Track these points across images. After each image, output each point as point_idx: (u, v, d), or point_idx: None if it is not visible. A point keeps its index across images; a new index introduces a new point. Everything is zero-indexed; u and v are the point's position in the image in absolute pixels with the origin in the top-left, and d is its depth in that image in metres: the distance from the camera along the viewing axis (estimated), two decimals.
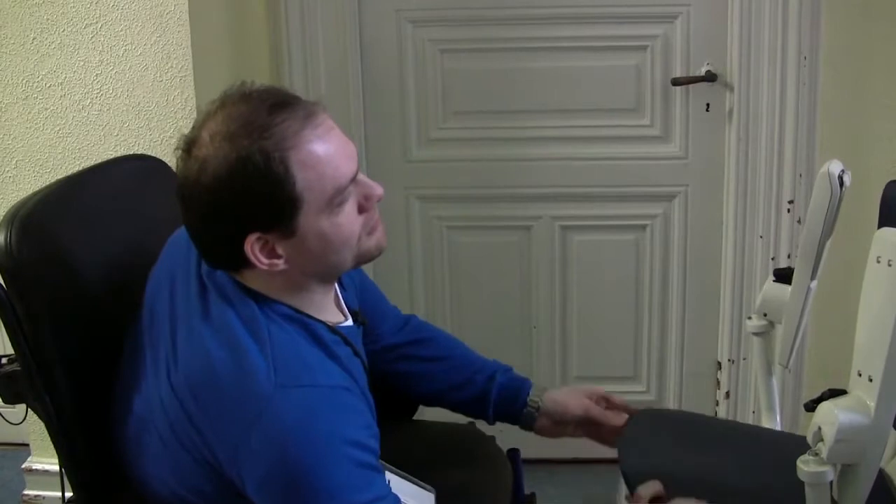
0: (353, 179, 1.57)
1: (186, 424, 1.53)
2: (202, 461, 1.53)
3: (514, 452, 2.19)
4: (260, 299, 1.58)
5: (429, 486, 1.87)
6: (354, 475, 1.48)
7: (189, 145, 1.51)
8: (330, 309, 1.72)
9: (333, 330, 1.66)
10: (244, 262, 1.53)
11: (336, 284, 1.77)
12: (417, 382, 2.10)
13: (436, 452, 2.10)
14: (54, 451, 1.71)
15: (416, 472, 1.94)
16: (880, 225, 1.89)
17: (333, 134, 1.57)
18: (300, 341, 1.58)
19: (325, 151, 1.52)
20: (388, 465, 1.82)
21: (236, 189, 1.46)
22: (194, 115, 2.68)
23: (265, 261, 1.52)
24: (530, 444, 3.24)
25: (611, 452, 3.14)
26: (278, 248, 1.53)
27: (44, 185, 1.87)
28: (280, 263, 1.54)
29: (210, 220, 1.52)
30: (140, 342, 1.68)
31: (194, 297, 1.61)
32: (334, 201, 1.53)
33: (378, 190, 1.62)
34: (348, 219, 1.57)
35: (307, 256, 1.56)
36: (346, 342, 1.68)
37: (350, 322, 1.78)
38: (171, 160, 1.83)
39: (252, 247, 1.51)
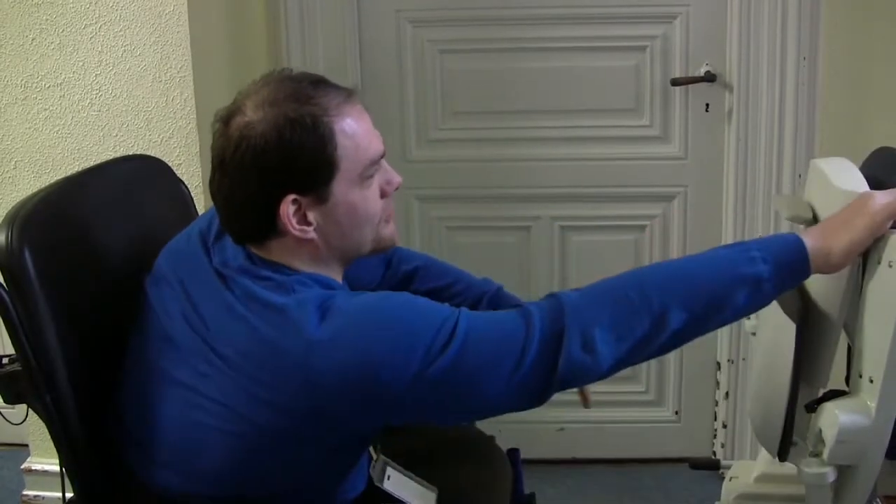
0: (382, 158, 1.68)
1: (245, 395, 1.55)
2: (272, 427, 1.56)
3: (513, 452, 2.19)
4: (282, 271, 1.62)
5: (431, 486, 1.88)
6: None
7: (230, 115, 1.60)
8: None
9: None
10: (273, 230, 1.60)
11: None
12: None
13: (436, 452, 2.10)
14: (54, 452, 1.71)
15: (417, 470, 1.96)
16: None
17: (366, 116, 1.69)
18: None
19: (361, 127, 1.64)
20: (390, 462, 1.82)
21: (283, 147, 1.55)
22: (194, 115, 2.68)
23: (297, 226, 1.59)
24: (530, 445, 3.24)
25: (611, 452, 3.15)
26: (310, 214, 1.60)
27: (43, 185, 1.87)
28: (310, 231, 1.60)
29: (250, 182, 1.57)
30: (151, 341, 1.69)
31: (215, 287, 1.63)
32: (365, 174, 1.63)
33: (398, 178, 1.73)
34: (374, 196, 1.66)
35: (334, 228, 1.63)
36: None
37: None
38: (171, 160, 1.85)
39: (287, 209, 1.57)
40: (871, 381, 1.71)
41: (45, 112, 2.77)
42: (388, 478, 1.79)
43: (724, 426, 3.22)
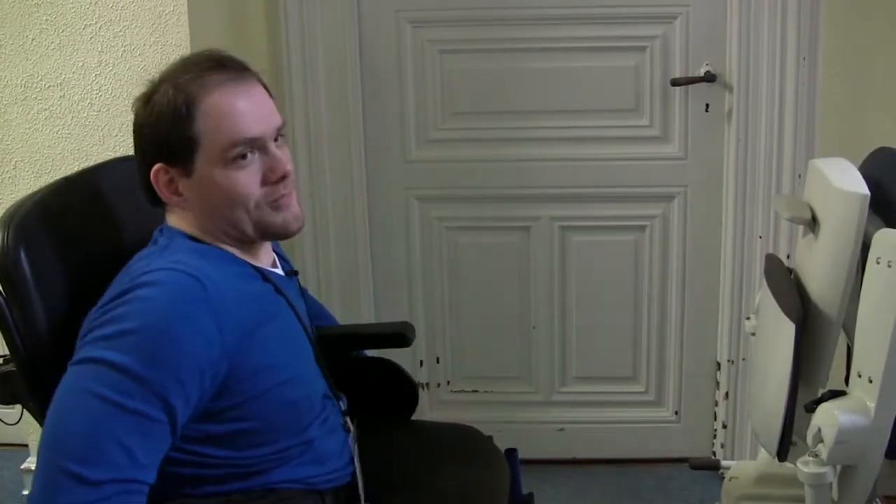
0: (254, 142, 1.70)
1: None
2: None
3: (511, 452, 2.19)
4: (182, 236, 1.74)
5: None
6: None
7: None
8: (250, 256, 1.82)
9: (250, 265, 1.79)
10: (156, 196, 1.72)
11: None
12: None
13: (434, 453, 2.12)
14: None
15: (415, 472, 1.98)
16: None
17: (253, 99, 1.72)
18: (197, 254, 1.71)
19: (230, 107, 1.68)
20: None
21: (153, 119, 1.68)
22: None
23: (168, 194, 1.71)
24: (530, 445, 3.25)
25: (611, 453, 3.15)
26: (180, 185, 1.70)
27: (43, 185, 1.87)
28: (181, 201, 1.71)
29: (136, 149, 1.72)
30: None
31: None
32: (228, 154, 1.67)
33: (286, 167, 1.74)
34: (245, 180, 1.70)
35: (203, 202, 1.71)
36: (267, 280, 1.79)
37: (280, 271, 1.90)
38: None
39: (157, 176, 1.69)
40: (871, 381, 1.71)
41: (45, 112, 2.77)
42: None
43: (724, 426, 3.22)
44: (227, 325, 1.60)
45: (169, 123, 1.66)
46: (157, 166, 1.69)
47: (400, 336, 2.29)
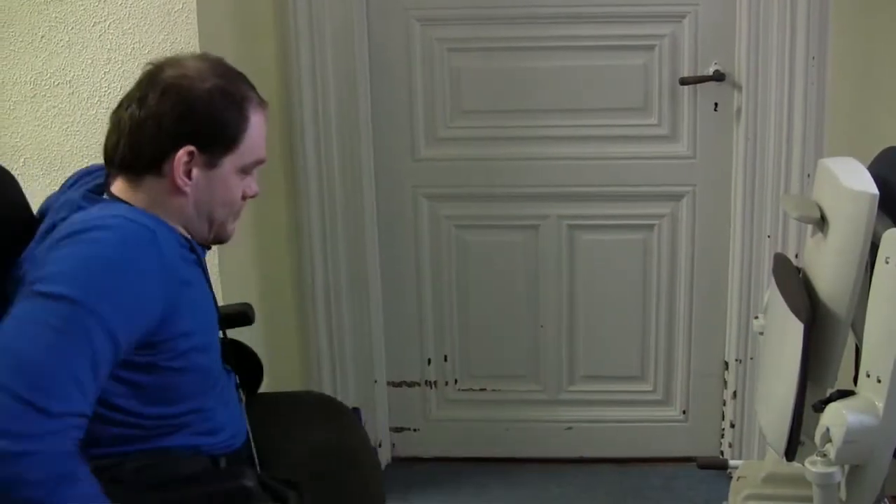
0: (259, 163, 1.87)
1: None
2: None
3: (357, 410, 2.41)
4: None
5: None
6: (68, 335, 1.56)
7: (165, 65, 1.81)
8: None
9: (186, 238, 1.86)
10: (157, 168, 1.76)
11: None
12: None
13: (292, 418, 2.20)
14: None
15: (282, 438, 2.08)
16: None
17: (266, 126, 1.90)
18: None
19: (262, 129, 1.86)
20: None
21: (209, 107, 1.76)
22: None
23: (181, 174, 1.76)
24: (537, 444, 3.26)
25: (618, 452, 3.16)
26: (195, 171, 1.77)
27: (52, 183, 1.89)
28: (186, 185, 1.77)
29: (165, 121, 1.74)
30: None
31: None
32: (247, 168, 1.84)
33: (257, 190, 1.91)
34: (241, 189, 1.86)
35: (206, 194, 1.80)
36: (193, 250, 1.85)
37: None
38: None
39: (181, 155, 1.74)
40: (879, 381, 1.71)
41: (54, 109, 2.77)
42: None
43: (732, 426, 3.21)
44: (170, 278, 1.70)
45: (229, 115, 1.78)
46: (189, 147, 1.74)
47: (244, 315, 2.38)
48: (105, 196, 1.81)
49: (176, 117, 1.74)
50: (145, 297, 1.64)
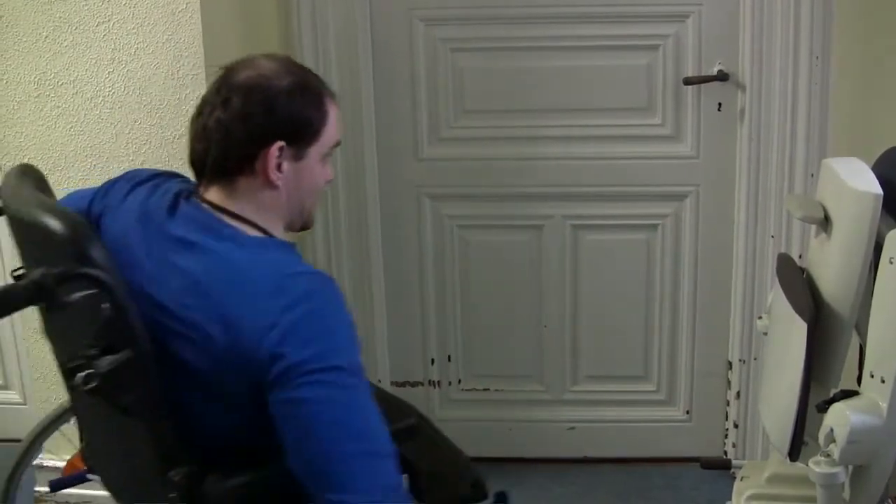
0: (336, 147, 1.93)
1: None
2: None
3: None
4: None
5: None
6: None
7: (240, 67, 1.84)
8: None
9: None
10: (250, 168, 1.79)
11: None
12: None
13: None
14: (66, 448, 1.71)
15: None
16: None
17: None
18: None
19: (337, 117, 1.90)
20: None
21: (294, 103, 1.81)
22: None
23: (274, 169, 1.79)
24: (541, 444, 3.26)
25: (621, 452, 3.15)
26: (285, 164, 1.81)
27: (56, 183, 1.88)
28: (279, 179, 1.80)
29: (254, 121, 1.78)
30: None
31: (173, 233, 1.79)
32: (328, 153, 1.89)
33: (332, 175, 1.97)
34: (326, 175, 1.91)
35: (296, 185, 1.84)
36: None
37: None
38: (182, 158, 1.86)
39: (274, 151, 1.78)
40: (883, 382, 1.71)
41: (58, 109, 2.77)
42: None
43: (736, 426, 3.21)
44: None
45: (311, 109, 1.84)
46: (279, 143, 1.79)
47: None
48: (204, 205, 1.82)
49: (263, 116, 1.78)
50: None
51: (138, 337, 1.62)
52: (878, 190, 1.81)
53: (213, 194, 1.82)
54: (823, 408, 1.79)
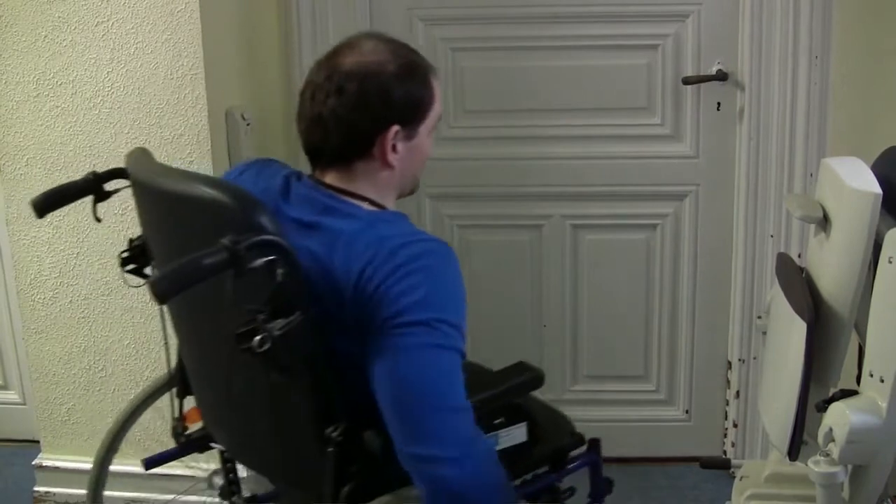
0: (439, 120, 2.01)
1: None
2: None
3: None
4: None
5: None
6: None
7: (342, 54, 1.87)
8: None
9: None
10: (367, 152, 1.87)
11: None
12: None
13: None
14: (65, 448, 1.72)
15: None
16: None
17: None
18: None
19: (439, 93, 1.96)
20: None
21: (406, 85, 1.87)
22: (206, 112, 2.69)
23: (391, 152, 1.87)
24: None
25: (621, 451, 3.14)
26: (399, 145, 1.88)
27: (55, 182, 1.88)
28: (395, 159, 1.88)
29: (370, 107, 1.84)
30: None
31: (291, 215, 1.87)
32: (434, 126, 1.96)
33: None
34: (431, 146, 1.99)
35: (409, 162, 1.92)
36: None
37: None
38: (182, 158, 1.87)
39: (391, 135, 1.86)
40: (882, 381, 1.71)
41: (57, 109, 2.77)
42: None
43: (735, 425, 3.21)
44: None
45: (420, 89, 1.90)
46: (395, 127, 1.86)
47: None
48: (321, 186, 1.90)
49: (379, 103, 1.84)
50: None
51: (306, 299, 1.69)
52: (878, 189, 1.81)
53: (331, 177, 1.90)
54: (823, 407, 1.79)
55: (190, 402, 2.25)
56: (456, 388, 1.74)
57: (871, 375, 1.74)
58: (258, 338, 1.60)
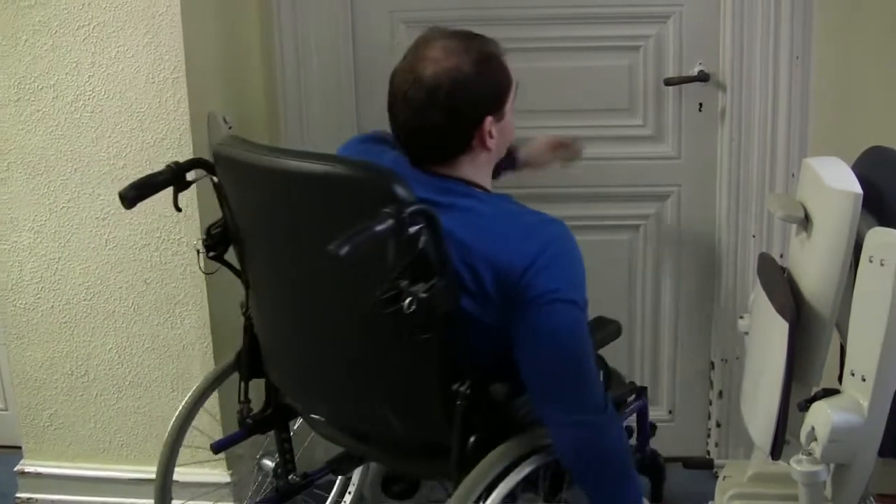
0: None
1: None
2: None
3: None
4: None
5: None
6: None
7: (419, 67, 1.99)
8: None
9: None
10: (468, 146, 2.02)
11: None
12: None
13: None
14: (47, 454, 1.72)
15: None
16: None
17: None
18: None
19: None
20: None
21: (486, 78, 2.01)
22: (187, 116, 2.68)
23: (487, 139, 2.01)
24: None
25: None
26: (493, 130, 2.02)
27: (35, 187, 1.88)
28: (491, 143, 2.03)
29: (464, 109, 1.98)
30: None
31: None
32: (514, 97, 2.11)
33: None
34: (513, 116, 2.12)
35: (501, 141, 2.08)
36: None
37: None
38: (163, 162, 1.86)
39: (486, 127, 2.00)
40: (864, 380, 1.72)
41: (39, 113, 2.76)
42: None
43: (718, 425, 3.22)
44: None
45: (498, 75, 2.05)
46: (489, 118, 2.00)
47: None
48: (432, 174, 2.02)
49: (471, 105, 1.98)
50: None
51: (445, 265, 1.83)
52: (858, 189, 1.82)
53: (435, 167, 2.04)
54: (805, 406, 1.80)
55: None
56: (592, 361, 1.98)
57: (853, 374, 1.75)
58: (407, 300, 1.75)
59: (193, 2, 2.69)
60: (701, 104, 3.03)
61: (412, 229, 1.74)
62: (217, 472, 2.97)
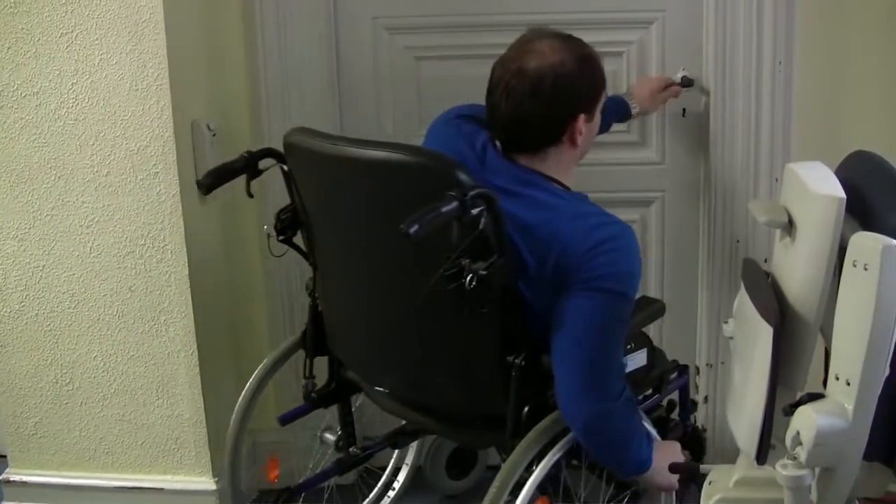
0: None
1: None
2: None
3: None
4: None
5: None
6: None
7: (524, 62, 2.12)
8: None
9: None
10: (558, 140, 2.17)
11: None
12: None
13: None
14: (32, 462, 1.71)
15: None
16: None
17: None
18: None
19: None
20: None
21: (586, 77, 2.17)
22: (171, 123, 2.68)
23: (578, 135, 2.16)
24: None
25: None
26: (583, 128, 2.17)
27: (19, 195, 1.87)
28: (580, 140, 2.18)
29: (563, 103, 2.14)
30: None
31: (492, 181, 2.10)
32: (603, 100, 2.23)
33: None
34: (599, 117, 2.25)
35: (588, 139, 2.22)
36: None
37: None
38: (148, 169, 1.86)
39: (580, 124, 2.15)
40: (848, 384, 1.72)
41: (22, 121, 2.76)
42: None
43: (704, 430, 3.22)
44: None
45: (595, 75, 2.19)
46: (582, 115, 2.15)
47: None
48: (518, 166, 2.19)
49: (570, 99, 2.13)
50: None
51: (503, 245, 1.98)
52: (842, 194, 1.83)
53: (523, 159, 2.19)
54: (790, 411, 1.80)
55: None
56: (621, 353, 2.14)
57: (838, 378, 1.75)
58: (468, 276, 1.88)
59: (177, 9, 2.68)
60: (684, 109, 3.04)
61: (474, 211, 1.87)
62: (202, 480, 2.96)
